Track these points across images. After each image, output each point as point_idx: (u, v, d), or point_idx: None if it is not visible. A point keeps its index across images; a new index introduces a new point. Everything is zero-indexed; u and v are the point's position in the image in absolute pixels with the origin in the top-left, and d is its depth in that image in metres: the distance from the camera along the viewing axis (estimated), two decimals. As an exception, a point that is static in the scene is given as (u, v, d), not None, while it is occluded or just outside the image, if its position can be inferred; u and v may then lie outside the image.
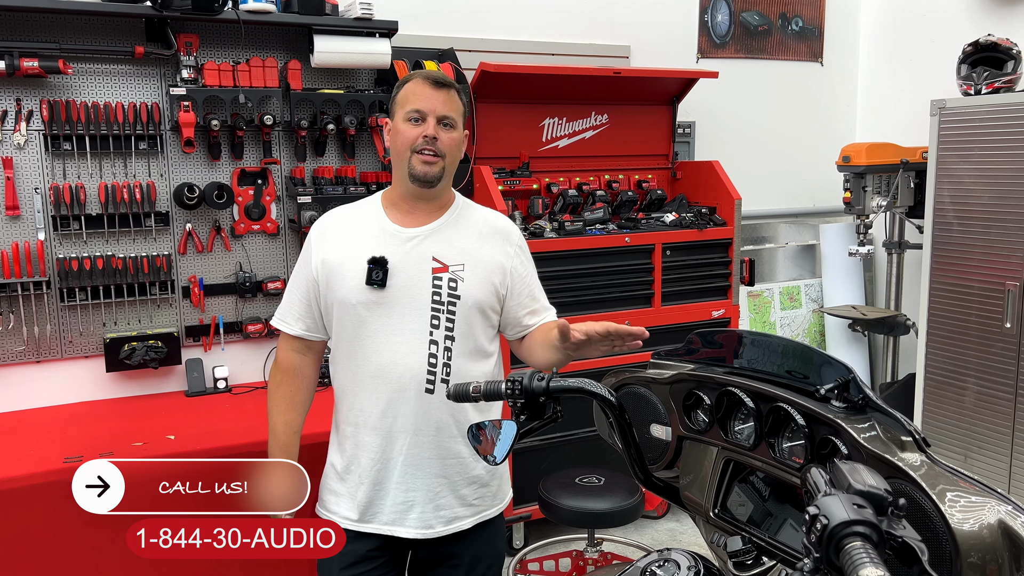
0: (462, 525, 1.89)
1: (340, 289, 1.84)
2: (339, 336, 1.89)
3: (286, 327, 1.95)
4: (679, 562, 1.34)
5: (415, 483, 1.85)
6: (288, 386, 1.96)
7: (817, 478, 1.04)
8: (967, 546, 1.05)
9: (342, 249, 1.86)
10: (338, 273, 1.84)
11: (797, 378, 1.38)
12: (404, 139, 1.81)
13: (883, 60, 4.99)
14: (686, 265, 3.80)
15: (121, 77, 3.04)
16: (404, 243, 1.84)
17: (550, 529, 3.62)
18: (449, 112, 1.81)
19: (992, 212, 3.69)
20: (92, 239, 3.05)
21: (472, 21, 3.88)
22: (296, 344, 1.96)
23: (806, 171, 4.92)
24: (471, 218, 1.93)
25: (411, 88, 1.83)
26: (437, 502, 1.86)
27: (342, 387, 1.91)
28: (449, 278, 1.83)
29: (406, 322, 1.82)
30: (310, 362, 1.98)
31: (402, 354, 1.81)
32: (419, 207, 1.88)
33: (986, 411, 3.77)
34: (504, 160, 3.77)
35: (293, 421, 1.96)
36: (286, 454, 1.93)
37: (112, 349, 3.05)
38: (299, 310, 1.93)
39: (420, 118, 1.80)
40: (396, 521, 1.86)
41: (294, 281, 1.95)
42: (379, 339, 1.82)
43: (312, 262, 1.89)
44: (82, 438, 2.66)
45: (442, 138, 1.80)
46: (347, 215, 1.94)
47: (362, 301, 1.81)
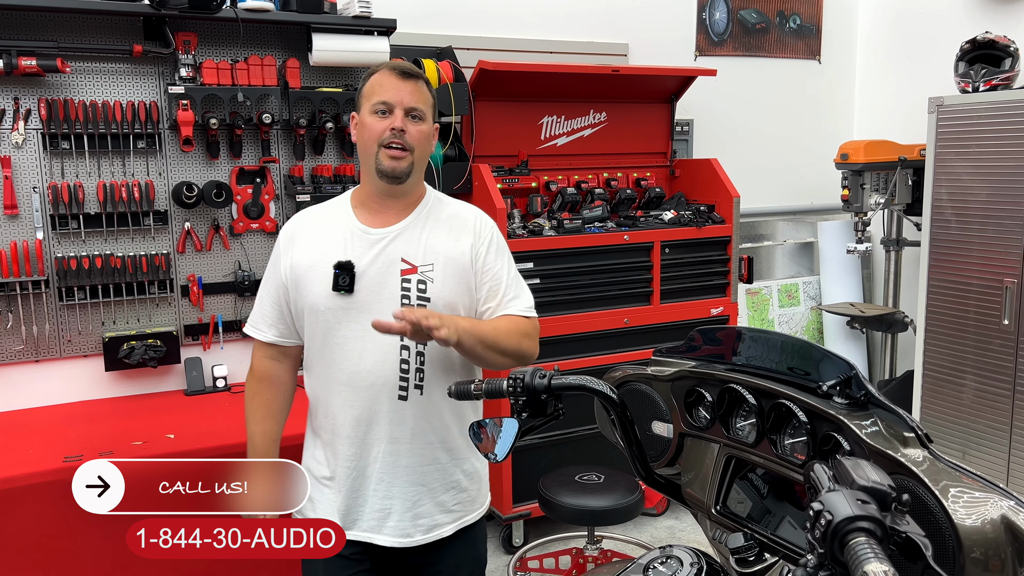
0: (442, 533, 1.85)
1: (309, 295, 1.79)
2: (310, 342, 1.84)
3: (259, 334, 1.89)
4: (681, 559, 1.34)
5: (392, 491, 1.81)
6: (264, 394, 1.91)
7: (820, 474, 1.04)
8: (970, 541, 1.06)
9: (310, 252, 1.80)
10: (306, 278, 1.79)
11: (799, 375, 1.38)
12: (371, 132, 1.74)
13: (881, 58, 5.00)
14: (685, 263, 3.81)
15: (119, 76, 3.03)
16: (372, 245, 1.79)
17: (550, 527, 3.63)
18: (417, 104, 1.75)
19: (990, 209, 3.69)
20: (91, 238, 3.04)
21: (470, 19, 3.88)
22: (271, 351, 1.90)
23: (804, 169, 4.93)
24: (441, 214, 1.86)
25: (377, 79, 1.77)
26: (415, 510, 1.82)
27: (315, 394, 1.86)
28: (418, 279, 1.78)
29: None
30: (286, 368, 1.92)
31: (373, 361, 1.76)
32: (388, 205, 1.81)
33: (984, 407, 3.78)
34: (503, 158, 3.77)
35: (271, 430, 1.91)
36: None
37: (111, 348, 3.05)
38: (271, 316, 1.88)
39: (387, 110, 1.73)
40: (374, 528, 1.82)
41: (265, 286, 1.89)
42: (349, 346, 1.77)
43: (281, 267, 1.84)
44: (82, 437, 2.66)
45: (410, 131, 1.74)
46: (315, 217, 1.88)
47: (330, 307, 1.76)
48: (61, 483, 2.40)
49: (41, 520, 2.39)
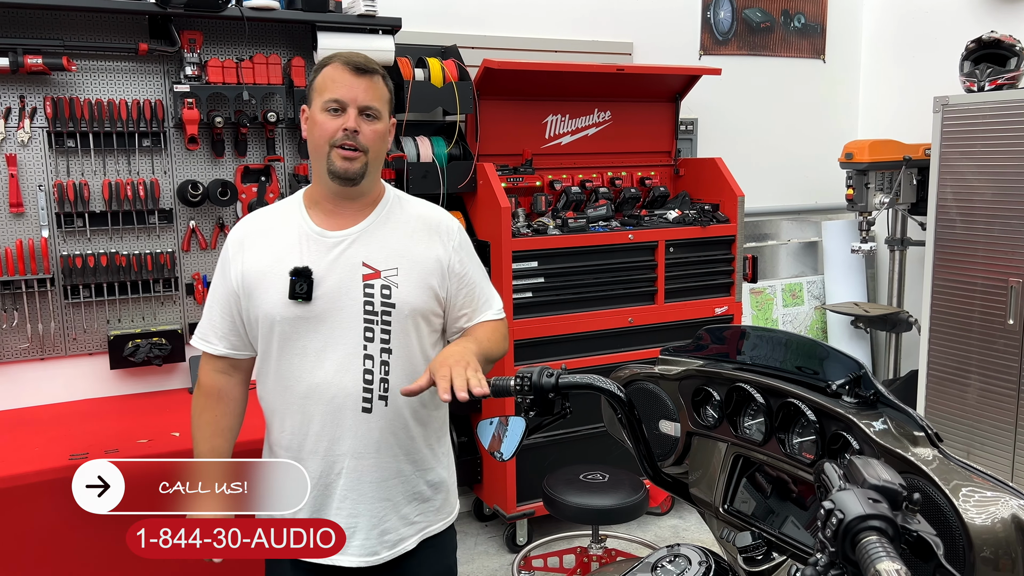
0: (407, 546, 1.77)
1: (263, 303, 1.68)
2: (265, 354, 1.73)
3: (209, 347, 1.77)
4: (690, 557, 1.34)
5: (357, 508, 1.72)
6: (213, 411, 1.79)
7: (831, 473, 1.04)
8: (980, 540, 1.05)
9: (263, 258, 1.70)
10: (260, 286, 1.68)
11: (807, 374, 1.38)
12: (322, 132, 1.64)
13: (886, 57, 4.99)
14: (689, 262, 3.80)
15: (125, 74, 3.04)
16: (330, 249, 1.68)
17: (554, 526, 3.63)
18: (372, 102, 1.65)
19: (995, 209, 3.69)
20: (96, 236, 3.04)
21: (475, 18, 3.88)
22: (221, 364, 1.78)
23: (808, 168, 4.92)
24: (403, 215, 1.76)
25: (329, 74, 1.65)
26: (382, 527, 1.74)
27: (271, 408, 1.76)
28: (382, 284, 1.68)
29: (337, 337, 1.67)
30: (237, 383, 1.81)
31: (334, 372, 1.66)
32: (344, 206, 1.71)
33: (989, 407, 3.78)
34: (507, 157, 3.77)
35: (219, 448, 1.78)
36: None
37: (116, 346, 3.05)
38: (222, 327, 1.76)
39: (340, 108, 1.63)
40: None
41: (213, 296, 1.77)
42: (308, 357, 1.67)
43: (231, 275, 1.72)
44: (87, 435, 2.66)
45: (364, 131, 1.64)
46: (265, 220, 1.77)
47: (287, 317, 1.66)
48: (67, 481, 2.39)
49: (47, 517, 2.40)
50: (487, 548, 3.63)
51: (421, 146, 3.46)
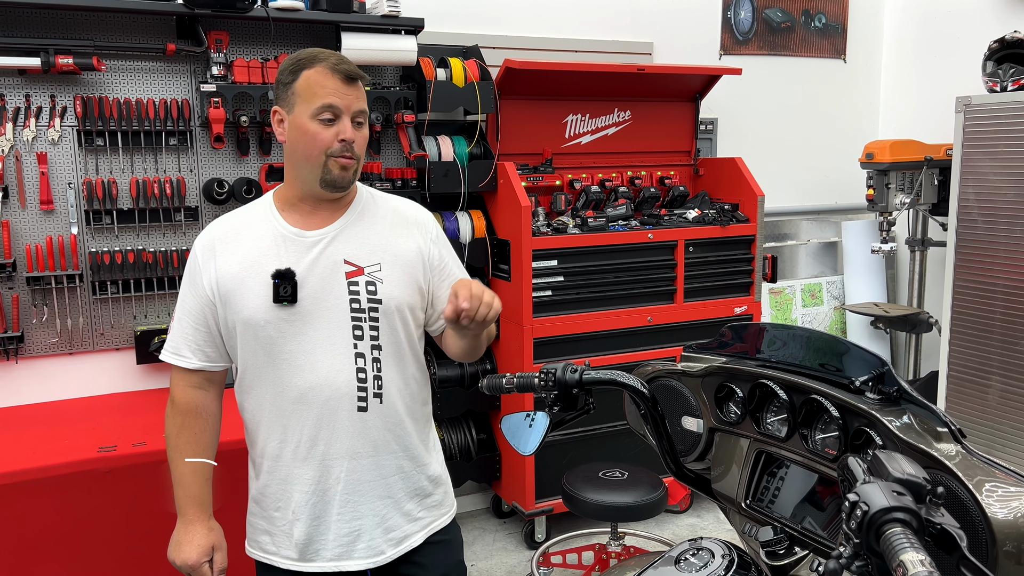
0: (413, 543, 1.75)
1: (243, 309, 1.62)
2: (247, 362, 1.67)
3: (183, 361, 1.69)
4: (712, 551, 1.36)
5: (359, 510, 1.69)
6: (192, 428, 1.70)
7: (855, 467, 1.05)
8: (1003, 535, 1.06)
9: (238, 263, 1.64)
10: (238, 291, 1.63)
11: (830, 370, 1.39)
12: (319, 142, 1.59)
13: (907, 57, 4.96)
14: (709, 261, 3.81)
15: (152, 74, 3.09)
16: (309, 249, 1.65)
17: (573, 523, 3.65)
18: (363, 107, 1.64)
19: (1017, 210, 3.67)
20: (123, 233, 3.10)
21: (497, 18, 3.90)
22: (195, 378, 1.71)
23: (829, 168, 4.91)
24: (379, 211, 1.74)
25: (318, 80, 1.59)
26: (385, 525, 1.71)
27: (257, 418, 1.70)
28: (366, 281, 1.65)
29: (326, 337, 1.63)
30: (212, 396, 1.74)
31: (326, 373, 1.63)
32: (321, 207, 1.68)
33: (1010, 408, 3.76)
34: (527, 156, 3.80)
35: (202, 467, 1.72)
36: (199, 506, 1.71)
37: (143, 341, 3.11)
38: (195, 340, 1.68)
39: (334, 117, 1.59)
40: (343, 555, 1.69)
41: (183, 308, 1.69)
42: (298, 361, 1.63)
43: (203, 283, 1.66)
44: (115, 428, 2.71)
45: (356, 139, 1.62)
46: (235, 224, 1.70)
47: (271, 320, 1.61)
48: (96, 472, 2.47)
49: (77, 509, 2.45)
50: (505, 545, 3.65)
51: (442, 145, 3.49)
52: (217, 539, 1.73)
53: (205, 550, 1.70)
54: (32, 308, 3.00)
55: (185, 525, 1.71)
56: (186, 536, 1.70)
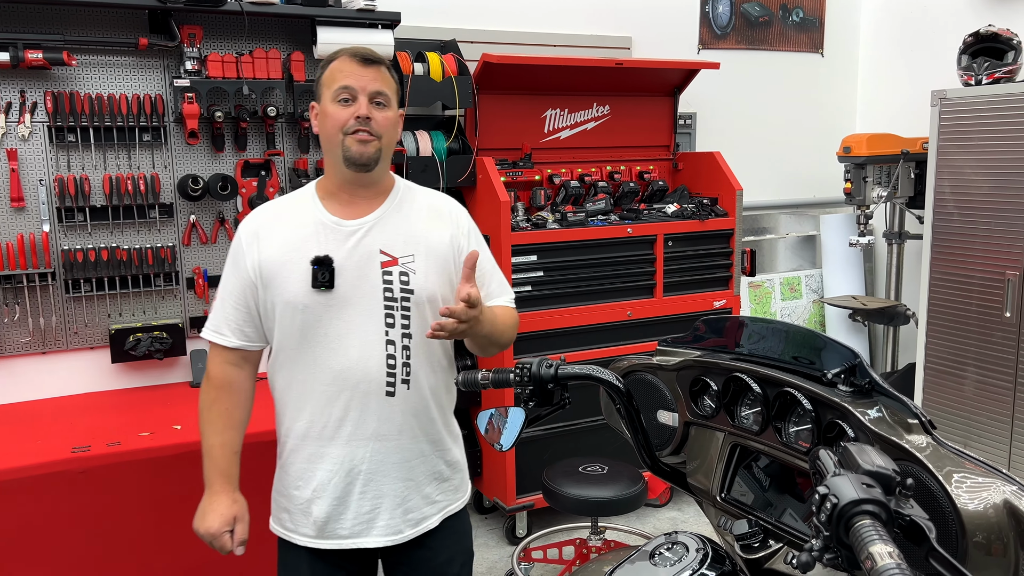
0: (430, 524, 1.81)
1: (283, 292, 1.70)
2: (283, 342, 1.74)
3: (223, 339, 1.77)
4: (687, 544, 1.36)
5: (381, 489, 1.75)
6: (224, 403, 1.78)
7: (826, 459, 1.05)
8: (973, 526, 1.07)
9: (280, 248, 1.71)
10: (279, 275, 1.70)
11: (803, 363, 1.39)
12: (335, 121, 1.67)
13: (883, 51, 5.00)
14: (688, 256, 3.82)
15: (125, 69, 3.05)
16: (347, 238, 1.71)
17: (553, 518, 3.65)
18: (382, 88, 1.68)
19: (992, 202, 3.70)
20: (97, 231, 3.06)
21: (474, 12, 3.88)
22: (232, 356, 1.78)
23: (807, 162, 4.94)
24: (415, 202, 1.81)
25: (337, 66, 1.69)
26: (405, 506, 1.78)
27: (286, 397, 1.77)
28: (400, 271, 1.72)
29: (358, 323, 1.70)
30: (247, 375, 1.81)
31: (358, 358, 1.70)
32: (358, 195, 1.74)
33: (986, 400, 3.80)
34: (506, 151, 3.79)
35: (232, 441, 1.79)
36: (226, 478, 1.78)
37: (117, 340, 3.07)
38: (236, 319, 1.76)
39: (350, 97, 1.66)
40: (360, 532, 1.76)
41: (226, 287, 1.77)
42: (331, 344, 1.70)
43: (247, 264, 1.73)
44: (89, 428, 2.68)
45: (376, 117, 1.67)
46: (280, 210, 1.79)
47: (309, 305, 1.68)
48: (69, 473, 2.44)
49: (50, 510, 2.41)
50: (487, 540, 3.65)
51: (420, 140, 3.47)
52: (240, 511, 1.79)
53: (227, 520, 1.76)
54: (3, 307, 2.95)
55: (211, 496, 1.78)
56: (211, 506, 1.77)
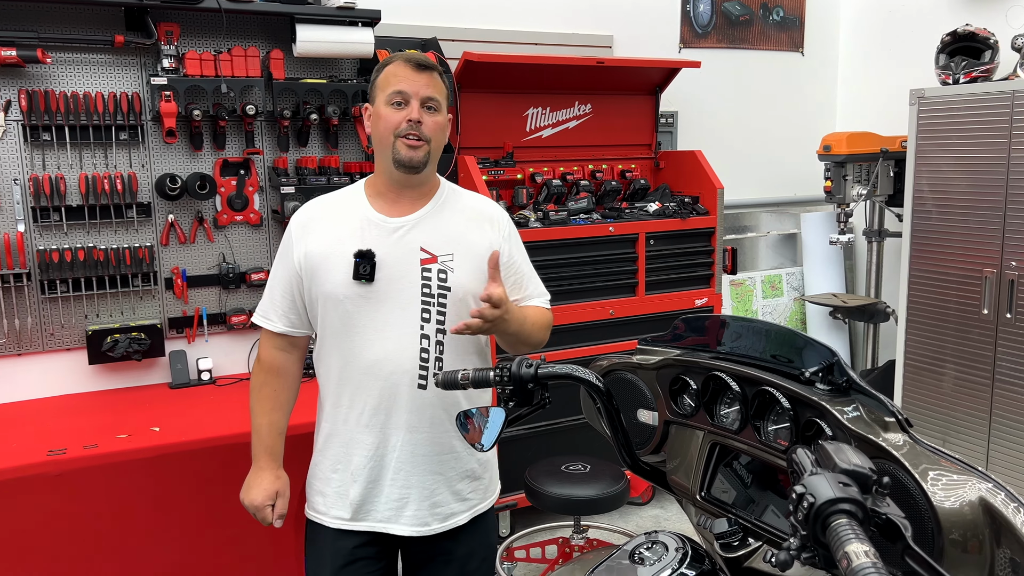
0: (458, 521, 1.86)
1: (326, 283, 1.78)
2: (325, 331, 1.83)
3: (269, 324, 1.88)
4: (667, 544, 1.36)
5: (410, 480, 1.81)
6: (272, 385, 1.90)
7: (803, 458, 1.05)
8: (949, 523, 1.08)
9: (326, 241, 1.80)
10: (323, 267, 1.78)
11: (782, 362, 1.40)
12: (387, 124, 1.74)
13: (863, 50, 5.03)
14: (669, 254, 3.82)
15: (101, 67, 3.01)
16: (390, 234, 1.79)
17: (536, 517, 3.65)
18: (433, 94, 1.76)
19: (970, 200, 3.74)
20: (73, 230, 3.02)
21: (455, 10, 3.87)
22: (279, 341, 1.89)
23: (787, 160, 4.96)
24: (458, 204, 1.88)
25: (392, 71, 1.76)
26: (433, 499, 1.83)
27: (328, 384, 1.85)
28: (439, 269, 1.78)
29: (396, 316, 1.77)
30: (294, 360, 1.92)
31: (392, 349, 1.76)
32: (404, 195, 1.82)
33: (964, 396, 3.83)
34: (488, 150, 3.78)
35: (278, 422, 1.90)
36: (271, 456, 1.89)
37: (94, 341, 3.03)
38: (282, 306, 1.86)
39: (403, 101, 1.74)
40: (390, 519, 1.82)
41: (275, 275, 1.88)
42: (368, 334, 1.77)
43: (294, 255, 1.82)
44: (66, 431, 2.64)
45: (426, 122, 1.75)
46: (329, 205, 1.87)
47: (349, 296, 1.76)
48: (46, 476, 2.40)
49: (26, 513, 2.38)
50: (470, 540, 3.63)
51: (401, 139, 3.45)
52: (282, 487, 1.90)
53: (270, 495, 1.87)
54: (-22, 308, 2.91)
55: (257, 471, 1.89)
56: (255, 480, 1.88)
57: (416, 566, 1.91)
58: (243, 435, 2.54)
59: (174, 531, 2.56)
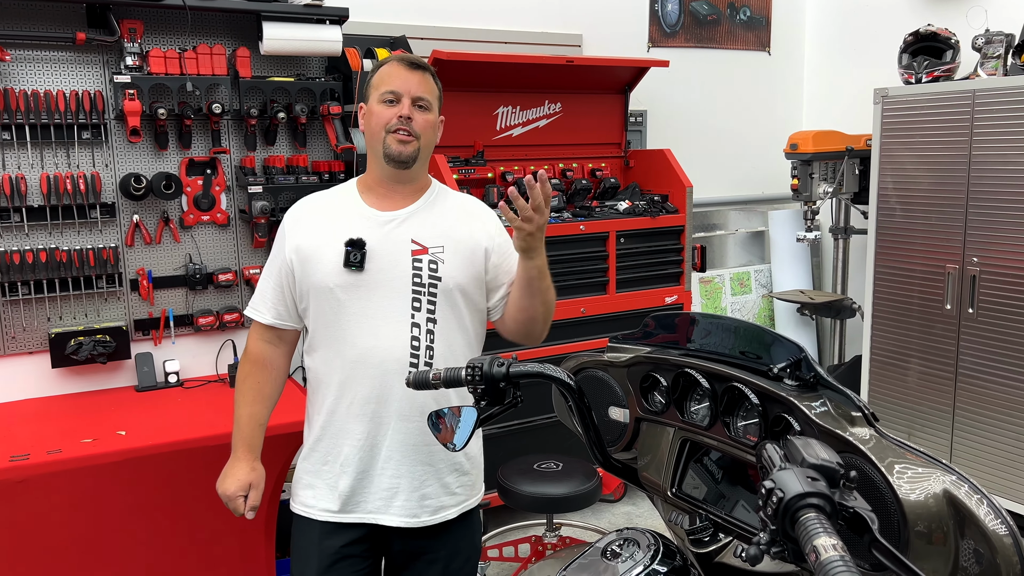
0: (448, 515, 1.88)
1: (316, 274, 1.81)
2: (317, 322, 1.86)
3: (258, 315, 1.91)
4: (638, 541, 1.37)
5: (400, 469, 1.83)
6: (256, 377, 1.92)
7: (772, 453, 1.06)
8: (914, 515, 1.09)
9: (317, 234, 1.83)
10: (313, 258, 1.82)
11: (751, 358, 1.41)
12: (379, 120, 1.79)
13: (828, 49, 5.10)
14: (639, 252, 3.85)
15: (62, 64, 2.95)
16: (382, 226, 1.83)
17: (509, 515, 3.65)
18: (423, 93, 1.80)
19: (933, 197, 3.80)
20: (34, 231, 2.96)
21: (424, 9, 3.86)
22: (267, 334, 1.92)
23: (755, 159, 5.02)
24: (447, 202, 1.92)
25: (386, 71, 1.82)
26: (422, 491, 1.84)
27: (320, 375, 1.87)
28: (429, 260, 1.82)
29: (387, 305, 1.80)
30: (281, 353, 1.94)
31: (383, 337, 1.79)
32: (395, 191, 1.86)
33: (928, 390, 3.90)
34: (458, 148, 3.77)
35: (259, 414, 1.92)
36: (249, 447, 1.91)
37: (58, 344, 2.97)
38: (272, 298, 1.89)
39: (394, 99, 1.79)
40: (380, 509, 1.84)
41: (268, 269, 1.92)
42: (360, 323, 1.80)
43: (286, 249, 1.86)
44: (28, 436, 2.59)
45: (416, 119, 1.79)
46: (322, 201, 1.92)
47: (340, 284, 1.79)
48: (7, 483, 2.35)
49: (-13, 521, 2.33)
50: (443, 540, 3.63)
51: (371, 138, 3.43)
52: (256, 479, 1.91)
53: (243, 485, 1.89)
54: (-65, 312, 2.84)
55: (233, 461, 1.91)
56: (231, 470, 1.91)
57: (400, 566, 1.91)
58: (212, 438, 2.52)
59: (141, 536, 2.52)
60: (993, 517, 1.05)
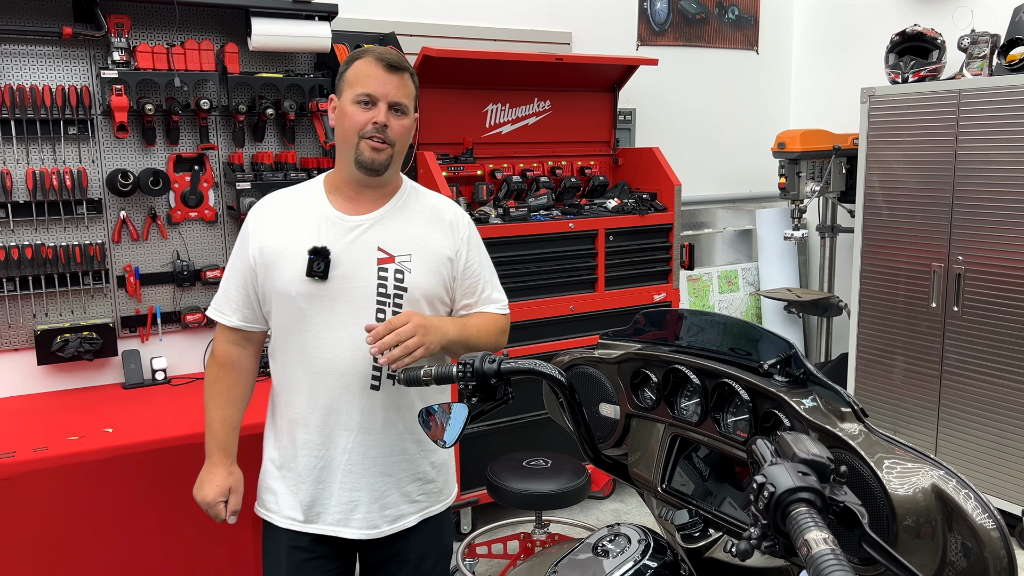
0: (407, 523, 1.84)
1: (279, 279, 1.75)
2: (278, 329, 1.81)
3: (223, 318, 1.85)
4: (629, 536, 1.37)
5: (359, 483, 1.79)
6: (226, 380, 1.87)
7: (763, 449, 1.07)
8: (903, 510, 1.10)
9: (281, 237, 1.76)
10: (277, 263, 1.75)
11: (740, 354, 1.42)
12: (352, 123, 1.71)
13: (816, 49, 5.13)
14: (628, 250, 3.86)
15: (48, 59, 2.92)
16: (347, 232, 1.76)
17: (498, 513, 3.65)
18: (401, 98, 1.72)
19: (918, 196, 3.83)
20: (20, 227, 2.93)
21: (414, 5, 3.85)
22: (234, 336, 1.86)
23: (743, 157, 5.04)
24: (418, 205, 1.85)
25: (363, 68, 1.72)
26: (383, 501, 1.80)
27: (281, 382, 1.83)
28: (395, 269, 1.76)
29: (350, 315, 1.73)
30: (249, 354, 1.89)
31: (345, 349, 1.73)
32: (364, 193, 1.79)
33: (914, 387, 3.94)
34: (448, 146, 3.76)
35: (231, 416, 1.88)
36: (224, 451, 1.87)
37: (44, 341, 2.95)
38: (237, 300, 1.83)
39: (371, 102, 1.70)
40: (340, 522, 1.80)
41: (231, 269, 1.85)
42: (321, 333, 1.74)
43: (249, 250, 1.79)
44: (14, 433, 2.57)
45: (392, 125, 1.71)
46: (286, 200, 1.84)
47: (302, 293, 1.73)
48: (-7, 480, 2.33)
49: (-28, 519, 2.31)
50: (431, 537, 3.62)
51: (360, 135, 3.42)
52: (235, 483, 1.88)
53: (222, 491, 1.86)
54: (-81, 308, 2.81)
55: (209, 467, 1.87)
56: (208, 476, 1.86)
57: (373, 567, 1.89)
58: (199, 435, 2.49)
59: (128, 534, 2.50)
60: (981, 511, 1.06)
